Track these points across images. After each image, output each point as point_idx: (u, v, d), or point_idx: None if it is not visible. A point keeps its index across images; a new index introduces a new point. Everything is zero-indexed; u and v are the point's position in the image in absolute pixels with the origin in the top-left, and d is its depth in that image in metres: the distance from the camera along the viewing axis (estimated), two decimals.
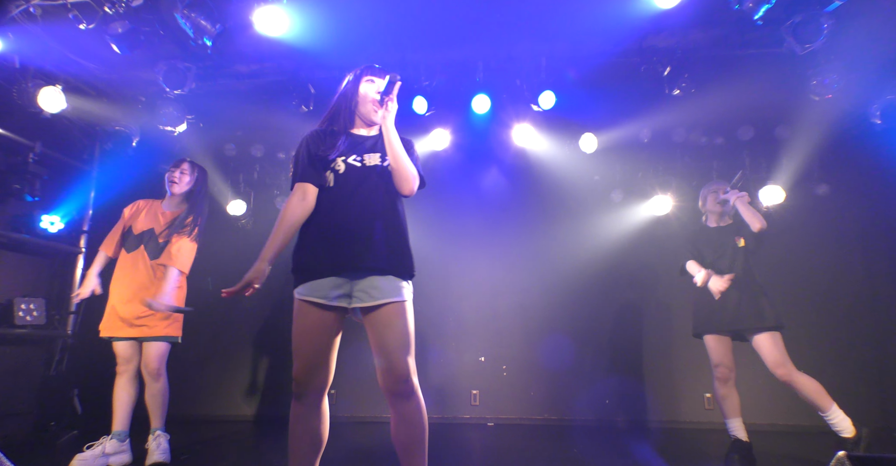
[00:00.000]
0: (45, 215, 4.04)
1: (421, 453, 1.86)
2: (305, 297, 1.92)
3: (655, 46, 3.72)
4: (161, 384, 3.00)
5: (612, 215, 4.88)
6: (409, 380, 1.83)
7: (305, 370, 1.97)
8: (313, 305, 1.90)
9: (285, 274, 4.92)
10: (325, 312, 1.89)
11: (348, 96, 2.08)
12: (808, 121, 4.19)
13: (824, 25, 3.09)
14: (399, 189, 1.95)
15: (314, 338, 1.92)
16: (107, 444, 2.89)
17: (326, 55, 3.81)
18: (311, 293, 1.91)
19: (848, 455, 1.10)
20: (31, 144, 3.88)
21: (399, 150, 1.94)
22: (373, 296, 1.86)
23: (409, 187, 1.95)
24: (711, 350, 3.18)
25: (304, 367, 1.96)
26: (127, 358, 2.98)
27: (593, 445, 3.61)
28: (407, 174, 1.93)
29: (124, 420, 2.96)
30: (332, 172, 1.96)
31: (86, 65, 3.84)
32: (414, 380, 1.85)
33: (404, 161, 1.93)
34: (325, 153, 1.97)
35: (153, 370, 2.97)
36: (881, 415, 4.20)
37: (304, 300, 1.92)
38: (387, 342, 1.85)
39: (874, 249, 4.51)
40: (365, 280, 1.88)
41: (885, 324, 4.38)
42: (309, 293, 1.92)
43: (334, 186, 1.95)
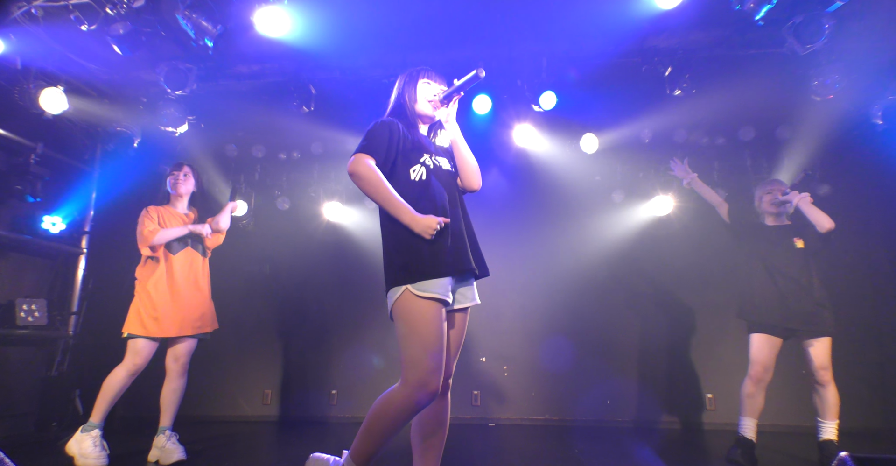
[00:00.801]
0: (47, 216, 4.04)
1: (441, 448, 1.95)
2: (435, 295, 1.76)
3: (656, 47, 3.72)
4: (185, 381, 3.16)
5: (613, 216, 4.88)
6: (451, 377, 1.97)
7: (440, 372, 1.77)
8: (440, 302, 1.78)
9: (290, 277, 4.93)
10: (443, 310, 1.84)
11: (409, 97, 2.09)
12: (810, 121, 4.19)
13: (825, 26, 3.09)
14: (470, 186, 2.04)
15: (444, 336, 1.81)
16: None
17: (327, 56, 3.81)
18: (439, 291, 1.78)
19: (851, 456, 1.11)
20: (32, 145, 3.88)
21: (465, 146, 2.05)
22: (468, 298, 1.97)
23: (479, 182, 2.04)
24: (758, 349, 3.15)
25: (440, 368, 1.77)
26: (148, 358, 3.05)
27: (595, 446, 3.61)
28: (477, 170, 2.04)
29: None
30: (423, 166, 1.96)
31: (87, 66, 3.85)
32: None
33: (470, 155, 2.04)
34: (418, 146, 1.99)
35: (183, 365, 3.13)
36: (882, 415, 4.19)
37: (434, 298, 1.76)
38: (455, 343, 1.96)
39: (875, 249, 4.51)
40: (467, 283, 1.98)
41: (886, 324, 4.38)
42: (437, 290, 1.78)
43: (426, 180, 1.94)
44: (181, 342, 3.15)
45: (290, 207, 5.04)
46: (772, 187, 3.34)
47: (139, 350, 3.00)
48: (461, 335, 1.98)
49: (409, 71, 2.13)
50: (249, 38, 3.49)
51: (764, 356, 3.12)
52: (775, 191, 3.30)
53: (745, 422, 3.14)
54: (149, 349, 3.04)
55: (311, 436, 3.96)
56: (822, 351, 3.05)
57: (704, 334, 4.57)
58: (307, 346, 4.84)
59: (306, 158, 5.03)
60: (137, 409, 4.49)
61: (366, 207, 5.03)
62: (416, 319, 1.74)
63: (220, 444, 3.61)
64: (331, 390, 4.70)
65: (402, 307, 1.76)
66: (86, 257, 4.42)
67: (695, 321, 4.61)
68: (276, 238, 5.03)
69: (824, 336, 3.07)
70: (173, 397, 3.11)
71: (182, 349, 3.15)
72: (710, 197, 3.63)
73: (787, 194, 3.21)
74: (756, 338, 3.18)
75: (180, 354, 3.13)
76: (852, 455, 1.11)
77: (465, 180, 2.01)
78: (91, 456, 2.84)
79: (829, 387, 3.04)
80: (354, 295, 4.89)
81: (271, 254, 5.02)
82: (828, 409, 3.03)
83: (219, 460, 3.12)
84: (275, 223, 5.07)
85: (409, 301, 1.75)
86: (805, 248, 3.19)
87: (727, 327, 4.53)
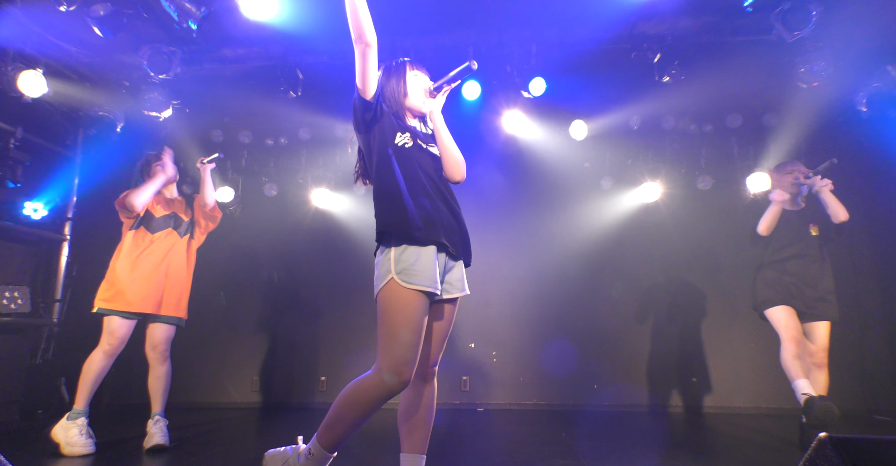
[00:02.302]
0: (28, 202, 3.97)
1: (426, 433, 1.94)
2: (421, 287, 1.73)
3: (645, 33, 3.71)
4: (167, 368, 3.11)
5: (602, 202, 4.90)
6: (437, 365, 1.97)
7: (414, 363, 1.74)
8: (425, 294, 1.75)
9: (278, 264, 4.91)
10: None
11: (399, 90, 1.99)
12: (796, 109, 4.22)
13: (813, 13, 3.10)
14: (452, 177, 1.97)
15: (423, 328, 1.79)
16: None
17: (315, 40, 3.75)
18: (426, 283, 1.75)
19: (829, 437, 1.12)
20: (12, 130, 3.80)
21: (448, 137, 1.98)
22: (457, 288, 1.93)
23: (462, 174, 1.98)
24: (778, 319, 3.12)
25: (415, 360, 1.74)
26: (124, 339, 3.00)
27: (582, 429, 3.66)
28: (461, 160, 1.97)
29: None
30: (412, 136, 1.92)
31: (67, 48, 3.75)
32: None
33: (453, 146, 1.98)
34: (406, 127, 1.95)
35: (161, 352, 3.08)
36: (861, 399, 4.30)
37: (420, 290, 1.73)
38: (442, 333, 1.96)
39: (857, 234, 4.58)
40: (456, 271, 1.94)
41: (865, 310, 4.47)
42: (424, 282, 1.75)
43: (412, 147, 1.90)
44: (155, 329, 3.09)
45: (278, 193, 5.00)
46: (792, 168, 3.31)
47: (114, 330, 2.95)
48: (448, 326, 1.96)
49: (392, 62, 2.04)
50: (235, 20, 3.43)
51: (789, 323, 3.09)
52: (796, 172, 3.28)
53: (801, 384, 2.99)
54: (124, 329, 2.98)
55: (300, 423, 3.97)
56: (824, 334, 3.12)
57: (690, 318, 4.64)
58: (296, 333, 4.83)
59: (294, 144, 4.98)
60: (124, 397, 4.48)
61: (354, 193, 5.00)
62: (398, 309, 1.71)
63: (208, 430, 3.61)
64: (320, 376, 4.71)
65: (387, 295, 1.73)
66: (69, 243, 4.36)
67: (681, 305, 4.67)
68: (263, 225, 4.99)
69: (826, 320, 3.13)
70: (158, 384, 3.08)
71: (157, 337, 3.08)
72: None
73: (810, 177, 3.21)
74: (772, 312, 3.17)
75: (157, 342, 3.08)
76: (831, 437, 1.13)
77: (448, 171, 1.95)
78: (77, 444, 2.82)
79: (823, 369, 3.11)
80: (343, 282, 4.88)
81: (259, 241, 4.98)
82: (817, 390, 3.07)
83: (207, 446, 3.12)
84: (262, 210, 5.03)
85: (395, 291, 1.72)
86: (819, 235, 3.22)
87: (712, 311, 4.60)
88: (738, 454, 3.04)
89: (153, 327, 3.09)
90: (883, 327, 4.40)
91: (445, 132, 1.99)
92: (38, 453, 2.94)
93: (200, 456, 2.86)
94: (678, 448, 3.18)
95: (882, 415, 4.10)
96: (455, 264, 1.93)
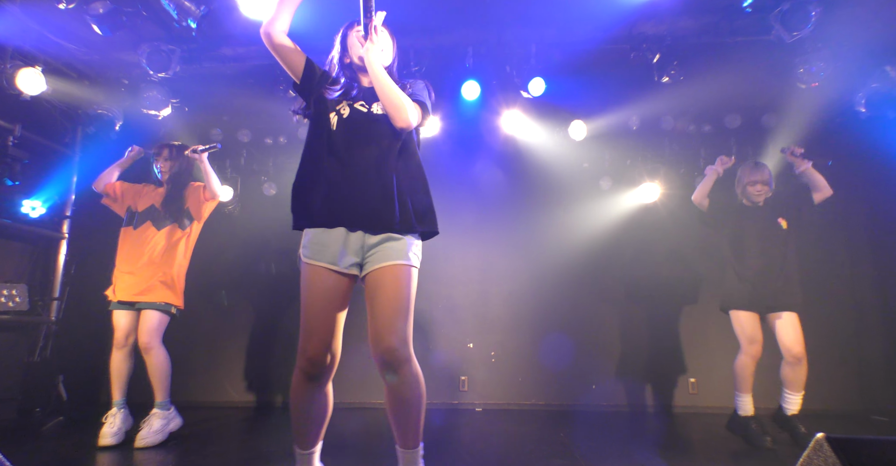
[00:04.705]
0: (26, 200, 3.96)
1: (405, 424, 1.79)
2: (310, 260, 1.83)
3: (645, 33, 3.71)
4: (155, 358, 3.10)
5: (601, 203, 4.90)
6: (398, 349, 1.72)
7: (312, 338, 1.79)
8: (318, 267, 1.82)
9: (276, 262, 4.90)
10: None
11: (342, 50, 2.04)
12: (795, 109, 4.22)
13: (812, 13, 3.10)
14: (394, 123, 1.83)
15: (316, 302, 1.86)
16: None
17: (314, 39, 3.72)
18: (312, 256, 1.83)
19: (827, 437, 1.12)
20: (10, 127, 3.79)
21: (382, 77, 1.82)
22: (380, 258, 1.81)
23: (403, 119, 1.81)
24: (738, 324, 3.21)
25: (312, 334, 1.79)
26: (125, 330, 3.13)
27: (580, 429, 3.66)
28: (397, 104, 1.80)
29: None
30: (337, 114, 1.90)
31: (66, 46, 3.74)
32: (403, 351, 1.74)
33: (388, 87, 1.81)
34: (330, 90, 1.93)
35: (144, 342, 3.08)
36: (859, 399, 4.30)
37: (310, 263, 1.82)
38: (380, 307, 1.80)
39: (856, 235, 4.58)
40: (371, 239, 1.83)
41: (863, 310, 4.47)
42: (310, 254, 1.84)
43: (331, 128, 1.88)
44: (142, 316, 3.12)
45: (277, 192, 4.99)
46: (755, 178, 3.33)
47: (113, 322, 3.13)
48: (386, 297, 1.77)
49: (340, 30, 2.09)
50: (234, 19, 3.42)
51: (747, 329, 3.18)
52: (759, 183, 3.31)
53: (744, 399, 3.21)
54: (121, 321, 3.13)
55: None
56: (793, 326, 3.11)
57: (688, 319, 4.64)
58: (294, 332, 4.81)
59: (293, 143, 4.97)
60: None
61: None
62: (302, 284, 1.81)
63: (206, 429, 3.61)
64: None
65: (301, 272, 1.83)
66: (67, 241, 4.35)
67: (679, 306, 4.67)
68: (262, 224, 4.99)
69: (791, 311, 3.14)
70: (158, 371, 3.11)
71: (140, 325, 3.11)
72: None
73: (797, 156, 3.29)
74: (734, 316, 3.26)
75: (141, 329, 3.10)
76: (829, 437, 1.13)
77: (390, 118, 1.84)
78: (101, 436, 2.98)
79: (802, 362, 3.08)
80: None
81: (258, 240, 4.97)
82: (800, 381, 3.10)
83: (205, 445, 3.12)
84: (261, 209, 5.03)
85: (302, 267, 1.83)
86: (788, 228, 3.27)
87: (711, 312, 4.58)
88: (737, 454, 3.05)
89: (142, 314, 3.13)
90: (881, 327, 4.40)
91: (377, 76, 1.83)
92: (36, 451, 2.93)
93: (197, 455, 2.86)
94: (676, 448, 3.18)
95: (879, 416, 4.11)
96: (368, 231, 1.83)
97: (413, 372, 1.76)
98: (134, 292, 3.12)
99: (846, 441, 1.09)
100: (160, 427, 3.04)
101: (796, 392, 3.13)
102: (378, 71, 1.84)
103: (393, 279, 1.78)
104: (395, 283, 1.78)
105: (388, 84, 1.82)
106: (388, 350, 1.72)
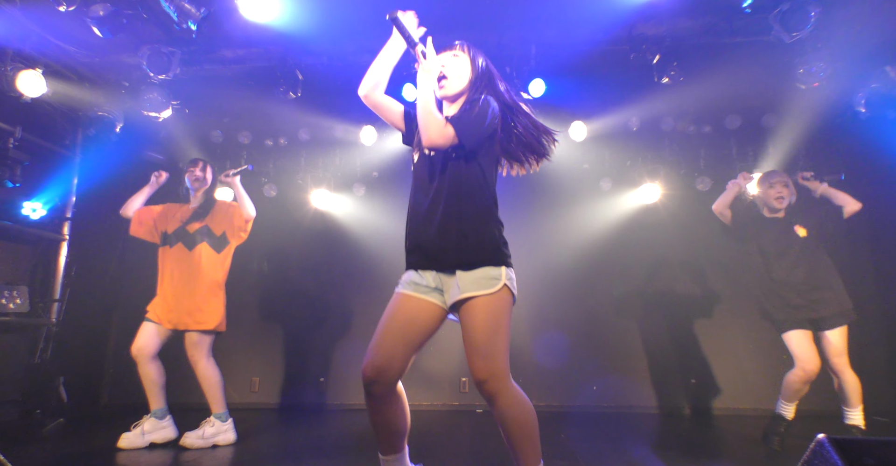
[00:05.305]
0: (27, 202, 3.97)
1: (524, 451, 1.79)
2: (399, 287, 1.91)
3: (644, 34, 3.71)
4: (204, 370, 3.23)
5: (601, 204, 4.90)
6: (487, 382, 1.72)
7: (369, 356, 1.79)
8: (398, 294, 1.90)
9: (277, 265, 4.90)
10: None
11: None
12: (795, 109, 4.22)
13: (811, 14, 3.10)
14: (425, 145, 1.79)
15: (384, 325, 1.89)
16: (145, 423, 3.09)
17: (315, 41, 3.75)
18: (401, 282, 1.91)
19: (828, 437, 1.12)
20: (11, 129, 3.79)
21: (421, 100, 1.75)
22: (452, 294, 1.79)
23: (430, 139, 1.73)
24: (796, 345, 3.05)
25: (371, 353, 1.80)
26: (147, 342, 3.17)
27: (581, 430, 3.66)
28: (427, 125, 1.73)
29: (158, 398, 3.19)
30: (418, 149, 1.94)
31: (66, 48, 3.75)
32: (497, 383, 1.74)
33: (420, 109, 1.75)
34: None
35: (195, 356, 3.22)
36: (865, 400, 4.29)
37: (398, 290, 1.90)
38: (468, 339, 1.76)
39: (857, 237, 4.58)
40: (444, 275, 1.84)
41: (866, 309, 4.46)
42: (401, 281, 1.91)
43: (416, 163, 1.94)
44: (185, 335, 3.23)
45: (277, 194, 5.00)
46: (774, 180, 3.27)
47: (139, 331, 3.17)
48: (470, 330, 1.74)
49: None
50: (234, 21, 3.43)
51: (805, 350, 3.02)
52: (778, 185, 3.24)
53: (785, 407, 3.13)
54: (145, 332, 3.16)
55: (300, 424, 3.97)
56: (839, 339, 3.04)
57: (689, 320, 4.63)
58: (295, 334, 4.83)
59: (293, 145, 4.98)
60: (123, 397, 4.47)
61: (353, 194, 5.00)
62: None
63: None
64: (319, 377, 4.70)
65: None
66: (68, 243, 4.35)
67: (680, 307, 4.66)
68: (262, 226, 4.98)
69: (844, 325, 3.06)
70: (203, 384, 3.24)
71: (187, 342, 3.23)
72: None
73: (808, 179, 3.27)
74: (789, 336, 3.10)
75: (186, 347, 3.22)
76: (830, 438, 1.13)
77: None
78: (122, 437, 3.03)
79: (848, 374, 3.03)
80: (342, 283, 4.88)
81: (258, 242, 4.97)
82: (852, 394, 3.04)
83: (207, 447, 3.11)
84: (261, 211, 4.98)
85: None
86: (808, 236, 3.18)
87: (712, 313, 4.60)
88: (737, 455, 3.05)
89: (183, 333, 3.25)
90: (882, 327, 4.39)
91: (420, 100, 1.76)
92: (37, 452, 2.93)
93: (199, 458, 2.86)
94: (677, 449, 3.18)
95: (881, 416, 4.10)
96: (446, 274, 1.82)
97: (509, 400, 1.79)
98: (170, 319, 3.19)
99: (847, 441, 1.09)
100: (209, 435, 3.13)
101: (851, 407, 3.07)
102: (421, 95, 1.78)
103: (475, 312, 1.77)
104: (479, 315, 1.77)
105: (421, 106, 1.76)
106: (480, 379, 1.75)
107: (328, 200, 4.93)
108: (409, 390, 1.94)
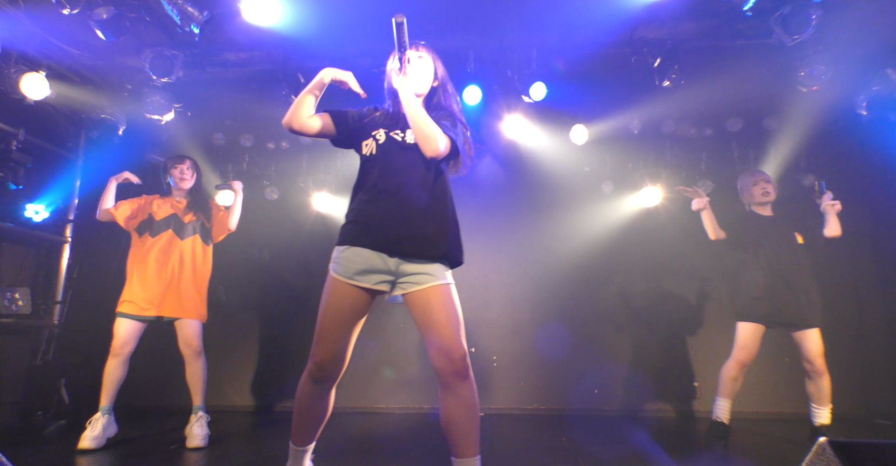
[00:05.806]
0: (30, 204, 3.98)
1: (476, 435, 1.91)
2: (336, 275, 1.96)
3: (646, 37, 3.72)
4: (200, 364, 3.22)
5: (603, 207, 4.90)
6: (465, 356, 1.85)
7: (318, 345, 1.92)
8: (341, 283, 1.94)
9: (279, 267, 4.91)
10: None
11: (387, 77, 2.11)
12: (796, 112, 4.23)
13: (812, 16, 3.11)
14: (425, 153, 1.86)
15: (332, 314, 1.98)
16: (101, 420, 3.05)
17: (316, 44, 3.76)
18: (340, 271, 1.95)
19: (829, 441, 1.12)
20: (14, 132, 3.81)
21: (411, 109, 1.86)
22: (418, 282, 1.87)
23: (432, 148, 1.84)
24: (744, 336, 3.24)
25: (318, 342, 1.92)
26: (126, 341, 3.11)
27: (583, 434, 3.65)
28: (428, 135, 1.83)
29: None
30: (374, 140, 1.97)
31: (70, 51, 3.77)
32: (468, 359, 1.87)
33: (417, 119, 1.85)
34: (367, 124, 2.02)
35: (193, 348, 3.19)
36: (862, 402, 4.28)
37: (337, 278, 1.95)
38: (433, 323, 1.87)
39: (858, 238, 4.57)
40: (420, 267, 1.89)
41: (867, 311, 4.45)
42: (339, 270, 1.96)
43: (375, 155, 1.96)
44: (180, 326, 3.20)
45: (279, 197, 5.00)
46: (757, 178, 3.38)
47: (115, 332, 3.11)
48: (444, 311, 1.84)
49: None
50: (237, 25, 3.44)
51: (750, 343, 3.22)
52: (762, 182, 3.35)
53: (722, 404, 3.26)
54: (122, 330, 3.10)
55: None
56: (815, 341, 3.14)
57: (692, 323, 4.62)
58: (295, 336, 4.82)
59: (295, 148, 4.99)
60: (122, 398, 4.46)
61: None
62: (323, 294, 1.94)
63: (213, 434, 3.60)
64: None
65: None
66: (70, 245, 4.37)
67: (682, 310, 4.66)
68: (264, 229, 5.00)
69: (812, 327, 3.15)
70: (193, 379, 3.22)
71: (183, 334, 3.20)
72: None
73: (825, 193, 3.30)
74: (743, 326, 3.26)
75: (186, 338, 3.20)
76: (832, 441, 1.13)
77: (420, 148, 1.87)
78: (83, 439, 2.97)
79: (824, 376, 3.13)
80: None
81: (260, 245, 4.98)
82: (824, 394, 3.14)
83: (205, 449, 3.11)
84: (263, 214, 5.03)
85: (329, 279, 1.97)
86: (804, 243, 3.27)
87: (714, 316, 4.59)
88: (740, 458, 3.03)
89: (178, 324, 3.21)
90: (883, 330, 4.38)
91: (410, 108, 1.88)
92: (38, 454, 2.94)
93: (198, 459, 2.86)
94: (680, 452, 3.16)
95: (882, 419, 4.09)
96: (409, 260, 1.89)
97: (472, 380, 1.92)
98: (160, 305, 3.14)
99: (848, 444, 1.09)
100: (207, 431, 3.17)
101: (823, 406, 3.16)
102: (408, 103, 1.89)
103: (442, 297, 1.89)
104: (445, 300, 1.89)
105: (418, 115, 1.86)
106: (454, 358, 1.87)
107: (330, 203, 4.94)
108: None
